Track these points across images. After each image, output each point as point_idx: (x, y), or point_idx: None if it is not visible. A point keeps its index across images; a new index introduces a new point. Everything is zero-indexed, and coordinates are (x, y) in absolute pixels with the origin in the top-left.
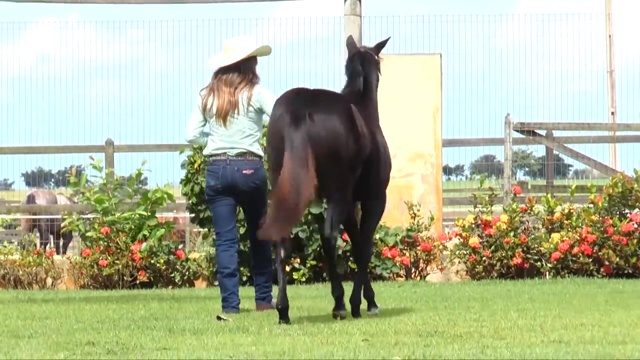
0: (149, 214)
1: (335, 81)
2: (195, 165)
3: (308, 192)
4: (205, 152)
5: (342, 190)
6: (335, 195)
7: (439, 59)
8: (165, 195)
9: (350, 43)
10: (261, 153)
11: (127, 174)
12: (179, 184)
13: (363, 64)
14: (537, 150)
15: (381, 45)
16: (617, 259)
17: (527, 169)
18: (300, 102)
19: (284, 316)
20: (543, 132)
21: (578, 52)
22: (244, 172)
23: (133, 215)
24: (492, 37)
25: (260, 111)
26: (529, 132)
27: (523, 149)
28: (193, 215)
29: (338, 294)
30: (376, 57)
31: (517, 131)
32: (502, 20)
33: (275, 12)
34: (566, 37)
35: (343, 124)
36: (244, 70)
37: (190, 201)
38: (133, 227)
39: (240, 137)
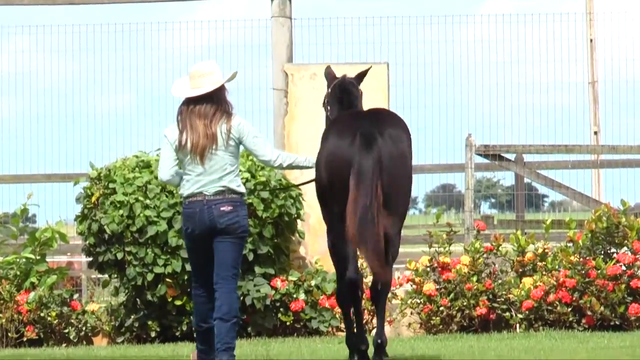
0: (38, 257)
1: (262, 91)
2: (93, 199)
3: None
4: (181, 192)
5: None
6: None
7: (385, 69)
8: (57, 235)
9: (329, 72)
10: (243, 190)
11: (11, 210)
12: (74, 221)
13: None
14: (505, 178)
15: (362, 75)
16: (602, 308)
17: (492, 200)
18: (371, 122)
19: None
20: (512, 156)
21: (554, 60)
22: (222, 208)
23: (18, 259)
24: (450, 42)
25: (239, 144)
26: (494, 156)
27: (488, 177)
28: (91, 258)
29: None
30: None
31: (481, 155)
32: (462, 22)
33: (194, 14)
34: (540, 41)
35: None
36: (217, 100)
37: (88, 242)
38: (19, 273)
39: (220, 175)
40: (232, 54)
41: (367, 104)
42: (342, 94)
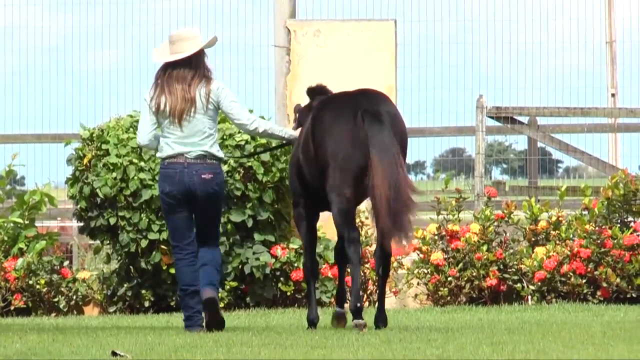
0: (27, 222)
1: (263, 48)
2: (85, 161)
3: (409, 189)
4: (159, 154)
5: None
6: None
7: (393, 27)
8: (46, 198)
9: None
10: (221, 155)
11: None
12: (64, 184)
13: None
14: (518, 142)
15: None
16: (618, 279)
17: (504, 165)
18: (368, 101)
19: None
20: (525, 119)
21: (570, 18)
22: (203, 176)
23: (5, 224)
24: None
25: (218, 108)
26: (506, 118)
27: (499, 140)
28: (82, 224)
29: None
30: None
31: (492, 117)
32: None
33: None
34: None
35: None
36: (195, 65)
37: (79, 206)
38: (6, 238)
39: (200, 138)
40: (232, 8)
41: (372, 64)
42: None
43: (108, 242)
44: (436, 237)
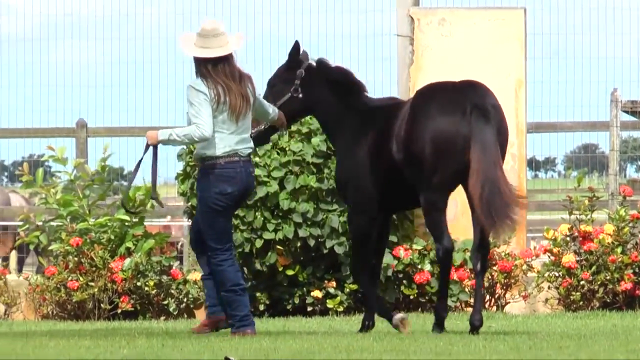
0: (135, 220)
1: (385, 37)
2: None
3: (508, 188)
4: (210, 151)
5: None
6: None
7: (522, 15)
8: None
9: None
10: None
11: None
12: (175, 180)
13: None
14: None
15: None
16: None
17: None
18: (475, 94)
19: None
20: None
21: None
22: (252, 174)
23: (112, 222)
24: None
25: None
26: None
27: (635, 137)
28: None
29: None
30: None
31: (627, 112)
32: None
33: None
34: None
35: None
36: (235, 61)
37: (190, 204)
38: (113, 237)
39: (248, 134)
40: None
41: (500, 56)
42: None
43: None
44: (568, 239)
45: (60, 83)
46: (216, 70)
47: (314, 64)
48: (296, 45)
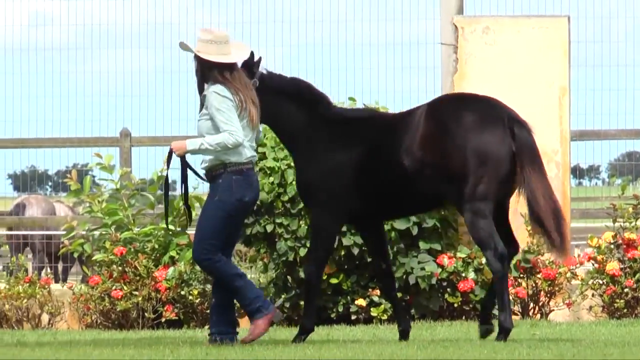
0: (179, 228)
1: (428, 46)
2: None
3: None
4: (236, 158)
5: None
6: None
7: (566, 23)
8: (197, 203)
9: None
10: None
11: (149, 176)
12: None
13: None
14: None
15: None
16: None
17: None
18: (503, 106)
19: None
20: None
21: None
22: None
23: (156, 231)
24: None
25: None
26: None
27: None
28: None
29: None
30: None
31: None
32: None
33: None
34: None
35: None
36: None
37: None
38: (157, 246)
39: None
40: (396, 3)
41: (544, 64)
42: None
43: (265, 250)
44: (612, 246)
45: (104, 92)
46: (233, 76)
47: (266, 72)
48: (251, 55)
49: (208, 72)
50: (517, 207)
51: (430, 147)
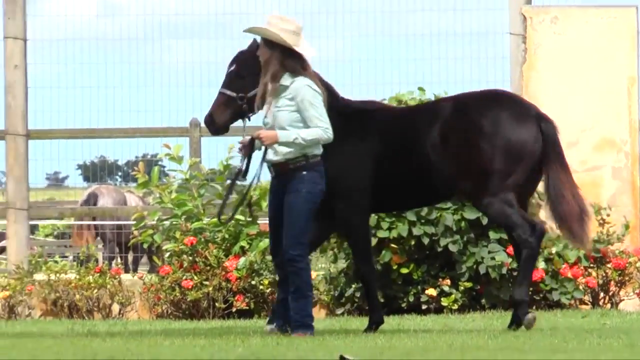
0: (249, 218)
1: (497, 36)
2: None
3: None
4: (318, 151)
5: None
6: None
7: (634, 13)
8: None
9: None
10: None
11: (218, 167)
12: None
13: None
14: None
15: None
16: None
17: None
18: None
19: None
20: None
21: None
22: None
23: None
24: None
25: None
26: None
27: None
28: None
29: None
30: None
31: None
32: None
33: None
34: None
35: None
36: None
37: None
38: (227, 236)
39: None
40: None
41: (612, 54)
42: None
43: (335, 240)
44: None
45: (173, 82)
46: (314, 73)
47: None
48: (254, 43)
49: (292, 62)
50: (586, 195)
51: (458, 142)
